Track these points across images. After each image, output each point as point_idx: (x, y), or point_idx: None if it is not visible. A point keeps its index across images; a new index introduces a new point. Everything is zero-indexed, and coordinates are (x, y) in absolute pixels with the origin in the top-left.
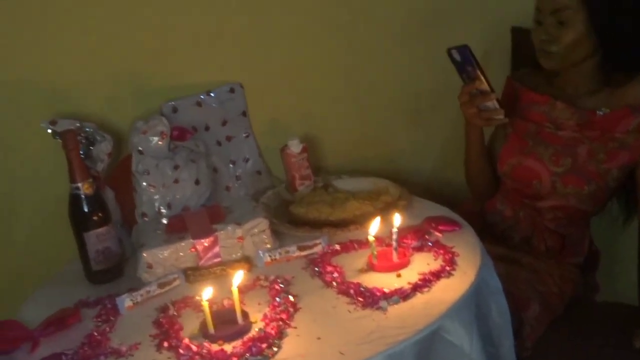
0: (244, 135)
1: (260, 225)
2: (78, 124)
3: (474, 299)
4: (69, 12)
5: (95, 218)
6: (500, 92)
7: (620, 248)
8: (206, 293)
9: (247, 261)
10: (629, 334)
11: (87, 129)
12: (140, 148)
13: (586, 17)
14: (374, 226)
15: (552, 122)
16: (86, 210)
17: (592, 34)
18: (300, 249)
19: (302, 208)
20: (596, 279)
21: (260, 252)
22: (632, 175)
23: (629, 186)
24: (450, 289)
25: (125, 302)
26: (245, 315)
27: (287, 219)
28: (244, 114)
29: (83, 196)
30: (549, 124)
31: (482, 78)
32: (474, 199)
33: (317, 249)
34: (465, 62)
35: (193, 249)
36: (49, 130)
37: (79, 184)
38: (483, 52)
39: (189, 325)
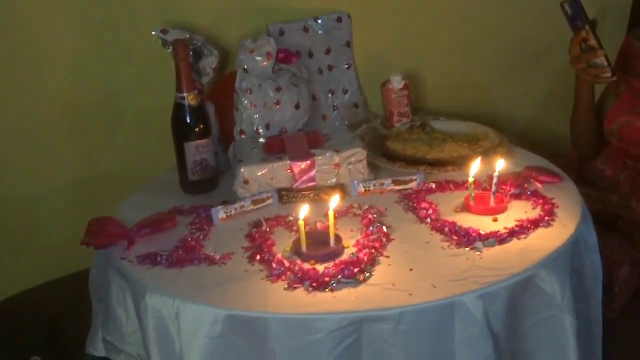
0: (345, 65)
1: (358, 154)
2: (188, 35)
3: (570, 252)
4: None
5: (197, 129)
6: (616, 50)
7: None
8: (302, 211)
9: (341, 189)
10: None
11: (196, 42)
12: (245, 66)
13: None
14: (474, 167)
15: None
16: (189, 120)
17: None
18: (395, 183)
19: (399, 144)
20: None
21: (355, 181)
22: None
23: None
24: (548, 239)
25: (220, 213)
26: (338, 239)
27: (383, 153)
28: (348, 44)
29: (187, 106)
30: None
31: (591, 34)
32: (575, 155)
33: (412, 185)
34: (576, 16)
35: (289, 170)
36: (160, 39)
37: (185, 94)
38: (600, 6)
39: (281, 243)
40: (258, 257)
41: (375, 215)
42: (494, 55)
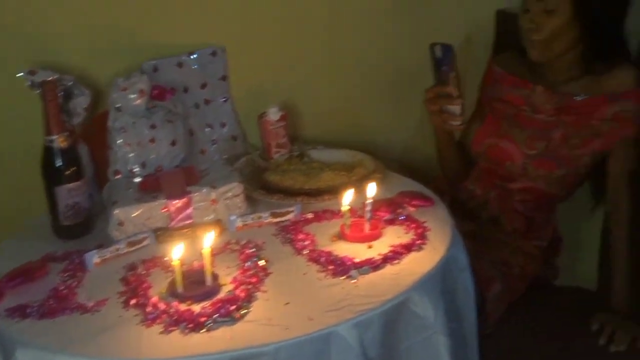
0: (222, 99)
1: (234, 189)
2: (57, 76)
3: (442, 273)
4: None
5: (68, 172)
6: (481, 74)
7: (582, 235)
8: (177, 251)
9: (218, 225)
10: (587, 317)
11: (66, 82)
12: (118, 105)
13: (572, 6)
14: (348, 196)
15: (529, 106)
16: (59, 164)
17: (576, 22)
18: (273, 215)
19: (277, 175)
20: (557, 263)
21: (232, 216)
22: (603, 164)
23: (599, 174)
24: (420, 262)
25: (94, 258)
26: (214, 277)
27: (261, 185)
28: (224, 78)
29: (57, 149)
30: (526, 107)
31: (455, 82)
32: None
33: (290, 217)
34: (444, 60)
35: (165, 209)
36: (28, 81)
37: (54, 137)
38: (467, 33)
39: (158, 285)
40: (133, 301)
41: (252, 250)
42: (368, 83)
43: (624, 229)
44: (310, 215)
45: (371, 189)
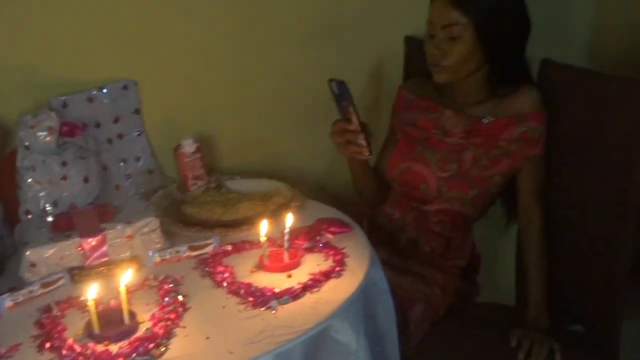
0: (136, 133)
1: (150, 224)
2: None
3: (361, 298)
4: None
5: None
6: (391, 100)
7: (500, 252)
8: (91, 291)
9: (136, 261)
10: (507, 332)
11: None
12: (26, 143)
13: (474, 33)
14: (264, 226)
15: (439, 129)
16: None
17: (480, 48)
18: (191, 248)
19: (194, 208)
20: (477, 281)
21: (149, 251)
22: (514, 182)
23: (510, 193)
24: (339, 289)
25: (5, 302)
26: (132, 315)
27: (179, 218)
28: (137, 111)
29: None
30: (436, 130)
31: (354, 116)
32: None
33: (209, 249)
34: (341, 95)
35: (79, 248)
36: None
37: None
38: (377, 59)
39: (74, 326)
40: (48, 344)
41: (171, 285)
42: (283, 111)
43: (535, 245)
44: (229, 247)
45: (289, 218)
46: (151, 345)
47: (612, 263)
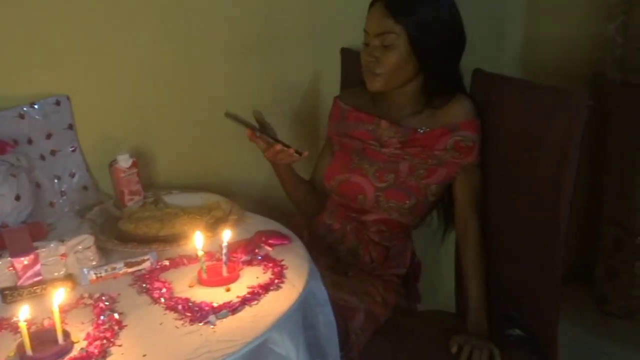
0: (70, 149)
1: (85, 241)
2: None
3: (301, 310)
4: None
5: None
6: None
7: (440, 260)
8: (23, 313)
9: (70, 279)
10: (448, 339)
11: None
12: None
13: (407, 42)
14: (199, 241)
15: (376, 140)
16: None
17: (414, 58)
18: (128, 265)
19: (131, 224)
20: (418, 289)
21: (84, 269)
22: (450, 191)
23: (447, 201)
24: (278, 302)
25: None
26: (66, 334)
27: (115, 235)
28: (71, 127)
29: None
30: (373, 141)
31: (263, 134)
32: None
33: (146, 265)
34: (244, 122)
35: (11, 268)
36: None
37: None
38: (314, 71)
39: (6, 348)
40: None
41: (107, 303)
42: (222, 124)
43: (472, 253)
44: (166, 262)
45: (226, 232)
46: None
47: (546, 268)
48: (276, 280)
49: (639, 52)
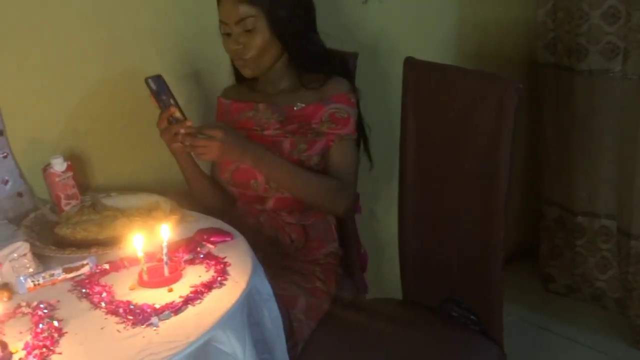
0: (1, 155)
1: (20, 249)
2: None
3: (245, 307)
4: None
5: None
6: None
7: (384, 246)
8: None
9: (6, 289)
10: (394, 326)
11: None
12: None
13: (266, 21)
14: (138, 242)
15: (258, 125)
16: None
17: (274, 36)
18: (66, 271)
19: (68, 228)
20: (365, 279)
21: (21, 277)
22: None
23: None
24: (222, 299)
25: None
26: (3, 346)
27: (52, 241)
28: (1, 133)
29: None
30: (256, 127)
31: (177, 107)
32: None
33: (85, 270)
34: (161, 91)
35: None
36: None
37: None
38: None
39: None
40: None
41: (45, 311)
42: (154, 122)
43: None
44: (106, 266)
45: (165, 231)
46: None
47: (488, 252)
48: (219, 278)
49: (569, 35)
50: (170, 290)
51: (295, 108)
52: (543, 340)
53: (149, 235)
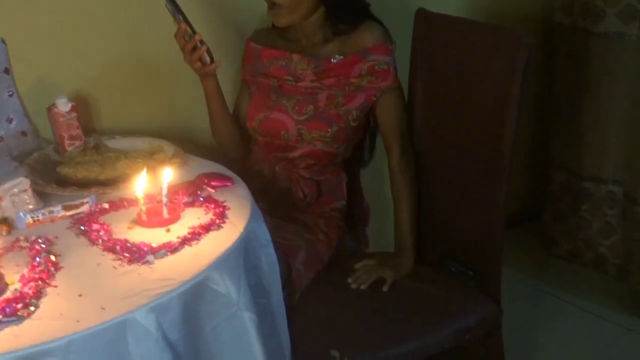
0: (7, 93)
1: (20, 184)
2: None
3: (242, 250)
4: None
5: None
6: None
7: (388, 201)
8: None
9: (6, 223)
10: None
11: None
12: None
13: None
14: (140, 182)
15: (291, 75)
16: None
17: None
18: (66, 208)
19: (70, 168)
20: (366, 233)
21: (20, 213)
22: (374, 118)
23: (373, 128)
24: (219, 242)
25: None
26: (0, 277)
27: (55, 180)
28: (7, 71)
29: None
30: (288, 77)
31: (187, 25)
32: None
33: (84, 209)
34: (174, 12)
35: None
36: None
37: None
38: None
39: None
40: None
41: (43, 245)
42: (164, 68)
43: (397, 176)
44: (106, 206)
45: (167, 173)
46: (19, 306)
47: (491, 206)
48: (217, 221)
49: None
50: (168, 231)
51: (333, 60)
52: (543, 303)
53: (150, 177)
